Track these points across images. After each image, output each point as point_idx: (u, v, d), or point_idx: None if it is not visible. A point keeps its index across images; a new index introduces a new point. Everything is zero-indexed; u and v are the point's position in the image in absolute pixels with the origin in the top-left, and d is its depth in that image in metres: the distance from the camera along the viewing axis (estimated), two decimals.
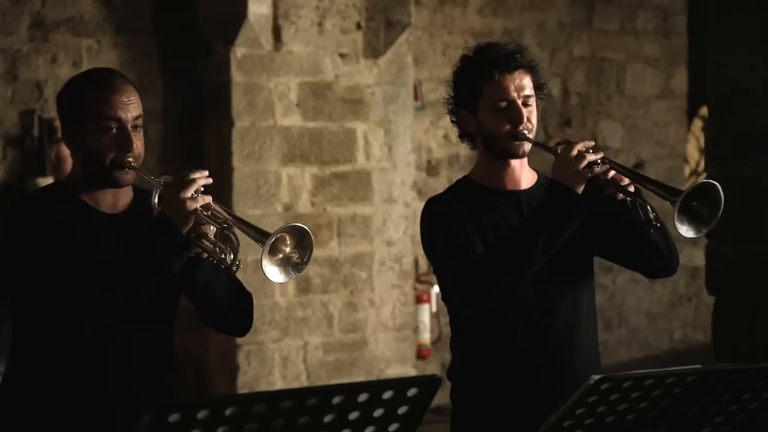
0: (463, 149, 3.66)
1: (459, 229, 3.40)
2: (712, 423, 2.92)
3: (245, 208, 7.29)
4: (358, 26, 7.65)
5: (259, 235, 3.08)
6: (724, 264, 5.00)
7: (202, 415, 2.41)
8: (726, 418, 2.93)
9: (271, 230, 3.08)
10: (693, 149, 10.91)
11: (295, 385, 7.35)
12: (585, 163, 3.31)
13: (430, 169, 8.61)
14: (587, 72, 9.47)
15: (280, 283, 3.19)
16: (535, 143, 3.46)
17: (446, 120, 3.65)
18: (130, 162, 3.20)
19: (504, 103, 3.42)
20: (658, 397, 2.79)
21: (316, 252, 7.69)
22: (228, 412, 2.44)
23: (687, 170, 10.64)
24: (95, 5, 7.21)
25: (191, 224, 3.12)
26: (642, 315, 9.83)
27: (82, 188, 3.25)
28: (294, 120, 7.48)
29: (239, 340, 7.27)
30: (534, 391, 3.40)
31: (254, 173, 7.35)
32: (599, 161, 3.33)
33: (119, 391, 3.21)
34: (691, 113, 10.47)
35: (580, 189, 3.31)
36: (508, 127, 3.42)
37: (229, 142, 7.29)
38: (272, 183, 7.41)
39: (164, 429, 2.39)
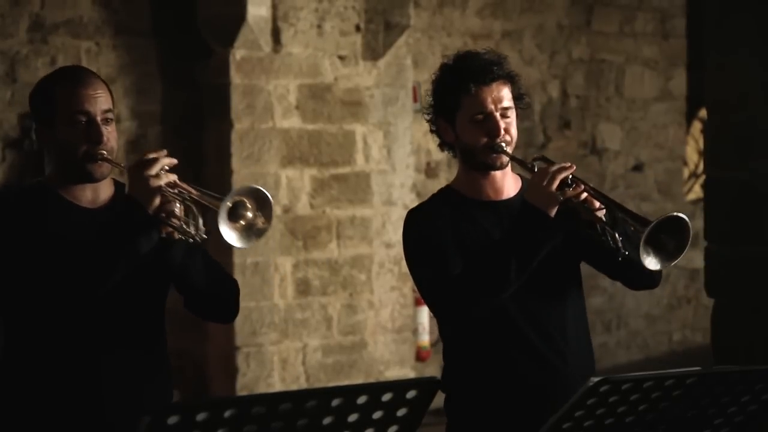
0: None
1: (439, 247, 3.38)
2: (711, 425, 2.92)
3: None
4: (357, 28, 7.65)
5: (216, 200, 3.07)
6: (723, 266, 5.00)
7: (201, 417, 2.41)
8: (725, 420, 2.93)
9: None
10: (692, 151, 10.92)
11: (294, 387, 7.35)
12: (557, 184, 3.29)
13: (429, 171, 8.61)
14: (586, 74, 9.47)
15: (244, 247, 3.16)
16: (512, 158, 3.44)
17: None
18: (102, 154, 3.22)
19: (481, 116, 3.40)
20: (657, 400, 2.79)
21: (316, 254, 7.70)
22: (227, 414, 2.44)
23: (686, 172, 10.65)
24: (94, 7, 7.21)
25: (157, 202, 3.13)
26: (641, 317, 9.83)
27: (60, 185, 3.27)
28: (293, 122, 7.48)
29: (238, 342, 7.28)
30: (526, 403, 3.39)
31: (253, 175, 7.35)
32: (571, 182, 3.31)
33: (111, 393, 3.21)
34: (690, 115, 10.47)
35: (553, 211, 3.30)
36: (485, 139, 3.40)
37: (228, 144, 7.29)
38: (271, 185, 7.41)
39: (163, 431, 2.39)
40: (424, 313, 8.24)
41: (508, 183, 3.51)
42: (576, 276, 3.53)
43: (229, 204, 3.04)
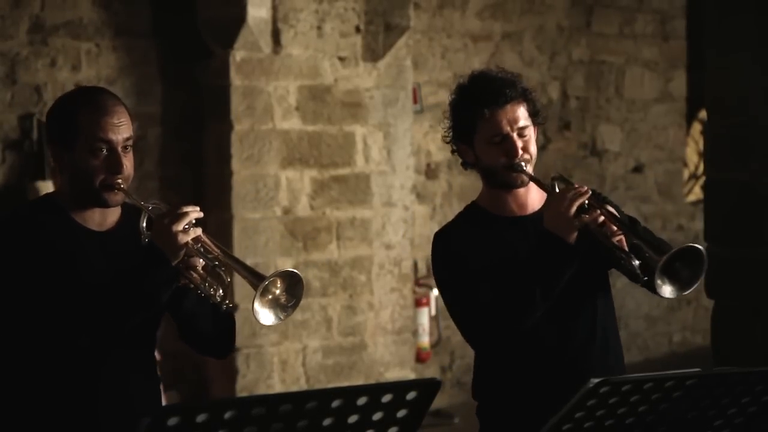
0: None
1: (469, 273, 3.42)
2: (711, 427, 2.92)
3: (244, 212, 7.29)
4: (357, 30, 7.65)
5: (252, 276, 3.08)
6: (723, 267, 5.00)
7: (201, 418, 2.41)
8: (725, 421, 2.93)
9: (265, 271, 3.09)
10: (692, 153, 10.92)
11: (294, 388, 7.35)
12: (575, 209, 3.32)
13: (429, 172, 8.61)
14: (586, 75, 9.47)
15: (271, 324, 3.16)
16: (531, 178, 3.47)
17: (445, 123, 3.65)
18: (119, 184, 3.21)
19: (498, 138, 3.43)
20: (657, 401, 2.79)
21: (316, 255, 7.71)
22: (227, 415, 2.44)
23: (686, 174, 10.65)
24: (94, 9, 7.21)
25: (181, 256, 3.13)
26: (641, 318, 9.83)
27: (70, 205, 3.26)
28: (293, 123, 7.48)
29: (238, 344, 7.27)
30: (556, 408, 3.40)
31: (253, 176, 7.35)
32: (588, 206, 3.34)
33: (108, 411, 3.22)
34: (690, 116, 10.47)
35: (572, 238, 3.34)
36: (503, 159, 3.44)
37: (228, 145, 7.29)
38: (271, 186, 7.41)
39: None
40: (424, 315, 8.25)
41: (532, 197, 3.54)
42: (604, 283, 3.56)
43: (266, 284, 3.04)
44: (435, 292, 8.26)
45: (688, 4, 9.89)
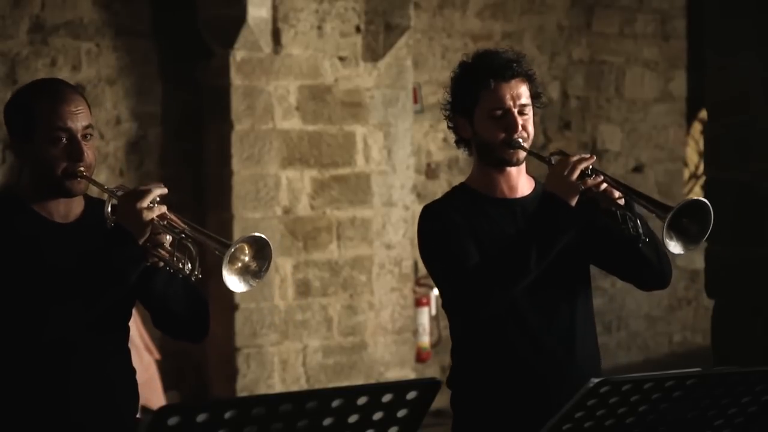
0: (463, 152, 3.67)
1: (455, 239, 3.41)
2: (711, 426, 2.92)
3: (245, 212, 7.29)
4: (358, 29, 7.66)
5: (218, 245, 3.07)
6: (724, 267, 5.00)
7: (201, 418, 2.41)
8: (725, 421, 2.93)
9: (233, 240, 3.08)
10: (692, 152, 10.92)
11: (295, 388, 7.35)
12: (578, 174, 3.33)
13: (430, 172, 8.61)
14: (586, 75, 9.47)
15: (243, 291, 3.16)
16: (529, 152, 3.48)
17: (445, 123, 3.66)
18: (81, 171, 3.19)
19: (499, 112, 3.44)
20: (658, 401, 2.79)
21: (316, 255, 7.71)
22: (227, 415, 2.44)
23: (686, 174, 10.65)
24: (95, 8, 7.21)
25: (148, 234, 3.11)
26: (641, 318, 9.83)
27: (33, 198, 3.25)
28: (293, 123, 7.49)
29: (239, 344, 7.28)
30: (532, 399, 3.41)
31: (254, 176, 7.35)
32: (591, 172, 3.35)
33: (79, 401, 3.20)
34: (691, 116, 10.47)
35: (574, 201, 3.34)
36: (502, 135, 3.44)
37: (229, 145, 7.29)
38: (272, 186, 7.41)
39: None
40: (425, 314, 8.24)
41: (523, 181, 3.55)
42: (586, 277, 3.56)
43: (232, 250, 3.03)
44: (435, 291, 8.25)
45: (688, 4, 9.89)
